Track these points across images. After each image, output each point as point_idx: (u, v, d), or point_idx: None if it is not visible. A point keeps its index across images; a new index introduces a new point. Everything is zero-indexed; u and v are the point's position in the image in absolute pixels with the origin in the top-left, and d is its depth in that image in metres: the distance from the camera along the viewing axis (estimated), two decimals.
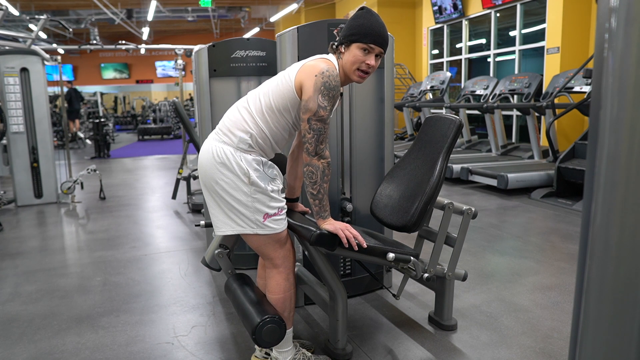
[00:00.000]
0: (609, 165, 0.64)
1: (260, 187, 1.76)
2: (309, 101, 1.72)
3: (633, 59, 0.61)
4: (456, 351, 2.15)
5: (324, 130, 1.74)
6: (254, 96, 1.84)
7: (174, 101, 4.79)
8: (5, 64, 5.15)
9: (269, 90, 1.81)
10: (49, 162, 5.41)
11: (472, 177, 5.85)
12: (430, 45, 10.53)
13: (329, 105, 1.73)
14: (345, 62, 1.82)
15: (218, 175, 1.77)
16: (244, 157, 1.77)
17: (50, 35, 17.35)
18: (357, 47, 1.79)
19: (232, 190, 1.76)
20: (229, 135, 1.79)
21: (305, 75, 1.74)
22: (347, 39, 1.81)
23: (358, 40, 1.79)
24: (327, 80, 1.71)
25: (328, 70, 1.73)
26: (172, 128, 14.38)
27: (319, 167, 1.76)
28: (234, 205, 1.77)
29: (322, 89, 1.71)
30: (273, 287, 1.89)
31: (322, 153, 1.76)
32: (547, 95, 5.78)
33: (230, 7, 14.46)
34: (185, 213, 4.91)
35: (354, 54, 1.80)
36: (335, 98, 1.76)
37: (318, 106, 1.71)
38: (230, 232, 1.82)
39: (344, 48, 1.83)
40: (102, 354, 2.18)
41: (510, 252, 3.50)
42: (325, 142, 1.77)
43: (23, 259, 3.55)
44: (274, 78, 1.87)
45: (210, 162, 1.79)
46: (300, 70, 1.77)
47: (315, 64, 1.76)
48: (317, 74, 1.72)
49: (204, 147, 1.85)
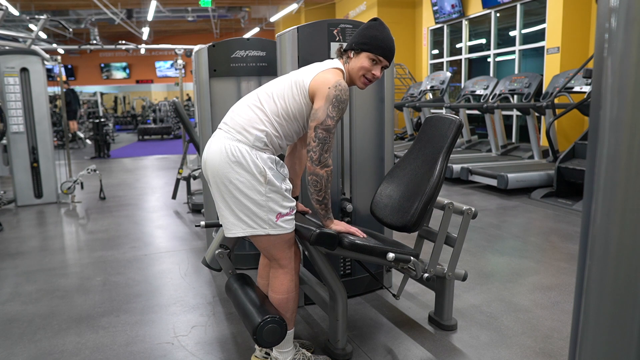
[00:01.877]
0: (609, 165, 0.64)
1: (275, 185, 1.76)
2: (319, 110, 1.76)
3: (633, 59, 0.61)
4: (456, 351, 2.15)
5: (329, 139, 1.77)
6: (267, 96, 1.84)
7: (174, 101, 4.79)
8: (5, 64, 5.15)
9: (284, 94, 1.82)
10: (49, 162, 5.41)
11: (472, 177, 5.85)
12: (430, 45, 10.53)
13: (337, 116, 1.77)
14: (352, 68, 1.89)
15: (232, 175, 1.75)
16: (259, 156, 1.77)
17: (50, 35, 17.35)
18: (367, 57, 1.86)
19: (247, 189, 1.75)
20: (244, 134, 1.78)
21: (320, 85, 1.78)
22: (359, 47, 1.87)
23: (369, 51, 1.86)
24: (339, 93, 1.76)
25: (340, 85, 1.78)
26: (172, 128, 14.39)
27: (323, 175, 1.78)
28: (247, 205, 1.76)
29: (334, 100, 1.76)
30: (277, 287, 1.89)
31: (325, 162, 1.78)
32: (547, 95, 5.78)
33: (230, 7, 14.46)
34: (185, 213, 4.91)
35: (362, 62, 1.87)
36: (343, 110, 1.80)
37: (327, 116, 1.75)
38: (242, 234, 1.80)
39: (354, 54, 1.89)
40: (102, 354, 2.18)
41: (510, 252, 3.50)
42: (329, 151, 1.79)
43: (23, 259, 3.55)
44: (285, 81, 1.87)
45: (224, 161, 1.76)
46: (315, 79, 1.80)
47: (329, 77, 1.80)
48: (331, 86, 1.77)
49: (213, 147, 1.81)
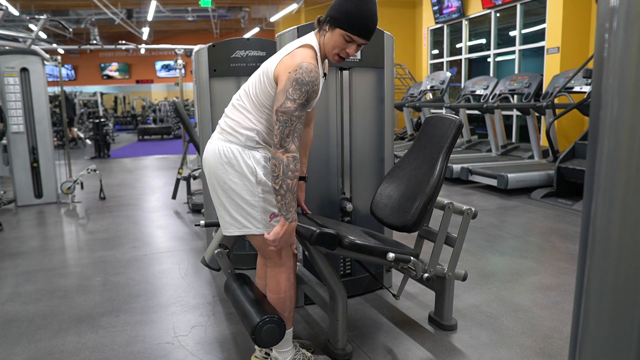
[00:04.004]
0: (609, 165, 0.64)
1: (267, 185, 1.76)
2: (279, 94, 1.68)
3: (633, 59, 0.61)
4: (456, 351, 2.15)
5: (290, 123, 1.65)
6: (245, 93, 1.82)
7: (174, 101, 4.79)
8: (5, 64, 5.15)
9: (256, 87, 1.78)
10: (49, 162, 5.41)
11: (472, 177, 5.85)
12: (430, 45, 10.52)
13: (299, 98, 1.65)
14: (326, 43, 1.77)
15: (225, 176, 1.77)
16: (252, 155, 1.77)
17: (50, 35, 17.34)
18: (340, 34, 1.73)
19: (240, 190, 1.76)
20: (235, 134, 1.78)
21: (281, 70, 1.70)
22: (334, 22, 1.73)
23: (343, 28, 1.72)
24: (299, 76, 1.64)
25: (302, 67, 1.65)
26: (172, 128, 14.39)
27: (283, 160, 1.65)
28: (241, 205, 1.77)
29: (294, 83, 1.64)
30: (274, 286, 1.89)
31: (287, 146, 1.66)
32: (547, 95, 5.78)
33: (230, 7, 14.45)
34: (185, 213, 4.91)
35: (335, 40, 1.74)
36: (308, 94, 1.67)
37: (286, 98, 1.64)
38: (237, 233, 1.82)
39: (328, 28, 1.75)
40: (102, 354, 2.18)
41: (510, 252, 3.50)
42: (291, 136, 1.66)
43: (23, 259, 3.55)
44: (256, 73, 1.82)
45: (217, 162, 1.78)
46: (278, 66, 1.72)
47: (291, 60, 1.69)
48: (291, 70, 1.66)
49: (208, 148, 1.83)
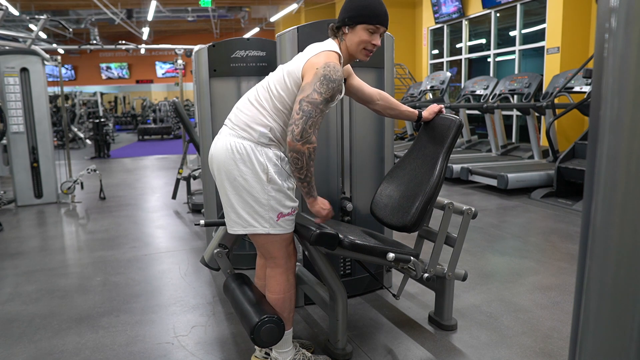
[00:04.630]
0: (609, 165, 0.64)
1: (277, 184, 1.76)
2: (305, 86, 1.71)
3: (633, 59, 0.61)
4: (456, 351, 2.15)
5: (314, 114, 1.67)
6: (264, 90, 1.82)
7: (174, 101, 4.79)
8: (5, 64, 5.15)
9: (277, 86, 1.79)
10: (49, 162, 5.41)
11: (472, 177, 5.85)
12: (430, 45, 10.52)
13: (325, 93, 1.68)
14: (350, 44, 1.82)
15: (236, 172, 1.75)
16: (264, 152, 1.76)
17: (50, 35, 17.35)
18: (363, 29, 1.79)
19: (250, 187, 1.75)
20: (248, 130, 1.77)
21: (308, 68, 1.74)
22: (352, 21, 1.79)
23: (365, 22, 1.78)
24: (327, 73, 1.69)
25: (329, 65, 1.71)
26: (172, 128, 14.39)
27: (305, 152, 1.68)
28: (250, 202, 1.76)
29: (322, 78, 1.69)
30: (274, 286, 1.89)
31: (308, 137, 1.68)
32: (547, 95, 5.78)
33: (230, 7, 14.46)
34: (185, 213, 4.91)
35: (360, 36, 1.80)
36: (334, 91, 1.71)
37: (313, 90, 1.68)
38: (242, 232, 1.81)
39: (348, 29, 1.81)
40: (102, 354, 2.18)
41: (510, 252, 3.50)
42: (314, 127, 1.69)
43: (23, 259, 3.55)
44: (279, 72, 1.84)
45: (228, 158, 1.76)
46: (306, 64, 1.76)
47: (319, 59, 1.74)
48: (319, 67, 1.71)
49: (218, 144, 1.81)
